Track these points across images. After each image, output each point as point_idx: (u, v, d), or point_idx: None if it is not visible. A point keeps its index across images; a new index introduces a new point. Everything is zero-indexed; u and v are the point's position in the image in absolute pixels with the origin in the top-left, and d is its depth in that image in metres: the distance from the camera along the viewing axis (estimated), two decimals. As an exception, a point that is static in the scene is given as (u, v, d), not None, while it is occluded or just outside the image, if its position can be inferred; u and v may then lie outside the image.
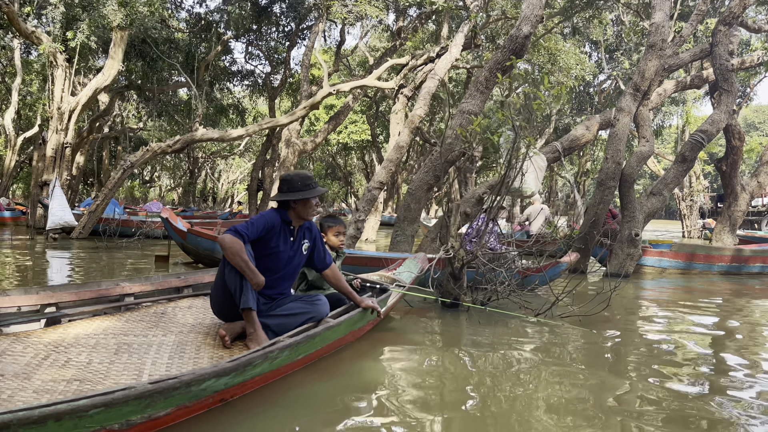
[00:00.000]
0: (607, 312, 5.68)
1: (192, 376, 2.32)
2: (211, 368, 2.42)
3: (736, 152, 11.60)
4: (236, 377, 2.58)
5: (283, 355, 2.89)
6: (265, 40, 28.46)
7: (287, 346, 2.90)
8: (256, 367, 2.71)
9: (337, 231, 4.23)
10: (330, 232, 4.21)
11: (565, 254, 7.49)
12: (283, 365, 2.96)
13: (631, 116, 8.88)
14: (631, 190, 8.79)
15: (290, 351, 2.96)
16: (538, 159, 9.97)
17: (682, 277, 9.32)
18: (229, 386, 2.57)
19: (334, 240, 4.22)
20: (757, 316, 6.04)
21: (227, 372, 2.50)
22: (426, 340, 4.31)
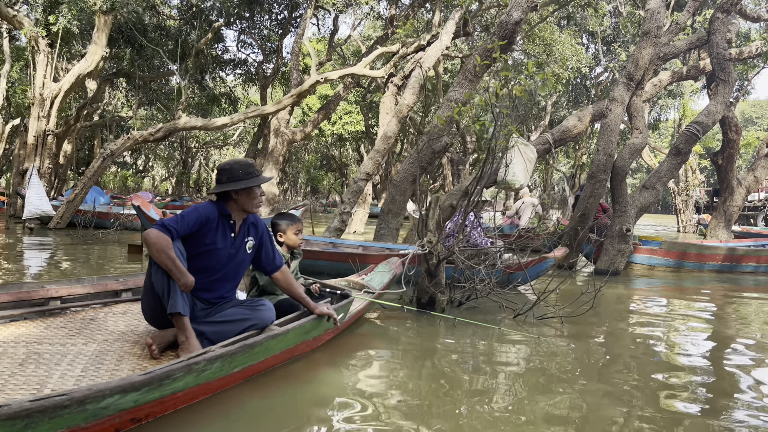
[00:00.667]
0: (593, 314, 5.35)
1: (87, 391, 1.97)
2: (114, 382, 2.08)
3: (733, 146, 11.26)
4: (150, 393, 2.24)
5: (212, 367, 2.55)
6: (257, 28, 27.98)
7: (218, 357, 2.56)
8: (177, 380, 2.37)
9: (297, 229, 3.87)
10: (289, 230, 3.85)
11: (552, 250, 7.16)
12: (214, 379, 2.62)
13: (624, 106, 8.53)
14: (623, 184, 8.45)
15: (223, 363, 2.61)
16: (527, 150, 9.63)
17: (672, 275, 9.00)
18: (141, 404, 2.22)
19: (294, 239, 3.85)
20: (752, 318, 5.72)
21: (136, 387, 2.16)
22: (395, 347, 3.97)
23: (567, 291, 6.83)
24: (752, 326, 5.26)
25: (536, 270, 6.80)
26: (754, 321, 5.54)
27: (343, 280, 4.93)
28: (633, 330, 4.89)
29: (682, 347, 4.34)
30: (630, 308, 6.05)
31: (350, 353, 3.69)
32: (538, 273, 6.85)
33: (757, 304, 6.67)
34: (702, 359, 4.02)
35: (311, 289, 3.92)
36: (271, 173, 19.14)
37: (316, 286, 3.94)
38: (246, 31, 27.42)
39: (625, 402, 2.99)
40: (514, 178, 9.52)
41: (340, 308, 3.64)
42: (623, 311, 5.83)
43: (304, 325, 3.24)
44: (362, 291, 4.65)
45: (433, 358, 3.73)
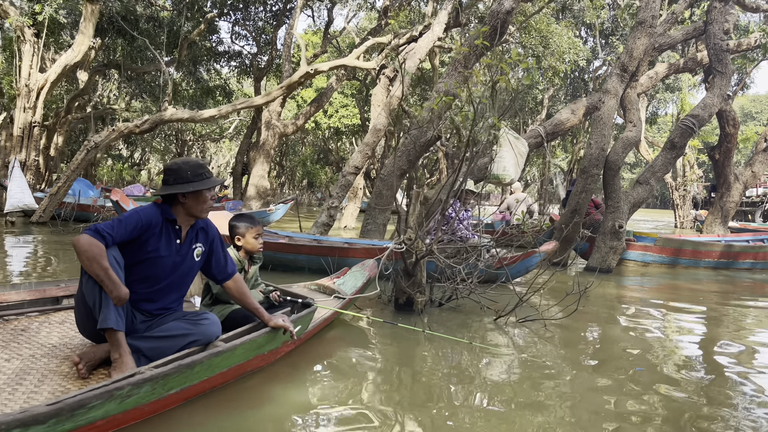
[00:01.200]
0: (579, 315, 5.09)
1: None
2: (11, 416, 1.80)
3: (730, 140, 10.98)
4: (59, 425, 1.96)
5: (140, 391, 2.27)
6: (252, 19, 27.61)
7: (146, 381, 2.28)
8: (95, 409, 2.09)
9: (257, 233, 3.58)
10: (249, 234, 3.55)
11: (541, 245, 6.89)
12: (145, 403, 2.34)
13: (617, 99, 8.25)
14: (616, 179, 8.18)
15: (153, 386, 2.33)
16: (518, 144, 9.36)
17: (667, 272, 8.75)
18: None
19: (253, 243, 3.55)
20: (748, 319, 5.46)
21: (40, 419, 1.88)
22: (365, 355, 3.71)
23: (558, 289, 6.58)
24: (747, 328, 5.01)
25: (524, 266, 6.54)
26: (749, 322, 5.28)
27: (314, 283, 4.66)
28: (622, 334, 4.63)
29: (674, 355, 4.07)
30: (619, 309, 5.79)
31: (313, 364, 3.43)
32: (527, 268, 6.60)
33: (753, 303, 6.41)
34: (695, 368, 3.76)
35: (271, 297, 3.63)
36: (262, 167, 18.85)
37: (276, 293, 3.66)
38: (240, 22, 27.07)
39: (611, 416, 2.73)
40: (504, 172, 9.25)
41: (300, 319, 3.36)
42: (612, 312, 5.57)
43: (256, 339, 2.96)
44: (332, 296, 4.38)
45: (408, 367, 3.47)
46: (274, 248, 6.77)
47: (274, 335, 3.13)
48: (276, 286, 3.84)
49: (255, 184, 18.27)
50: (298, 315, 3.37)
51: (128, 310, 2.74)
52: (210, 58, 27.73)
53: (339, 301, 4.24)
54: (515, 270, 6.41)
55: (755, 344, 4.41)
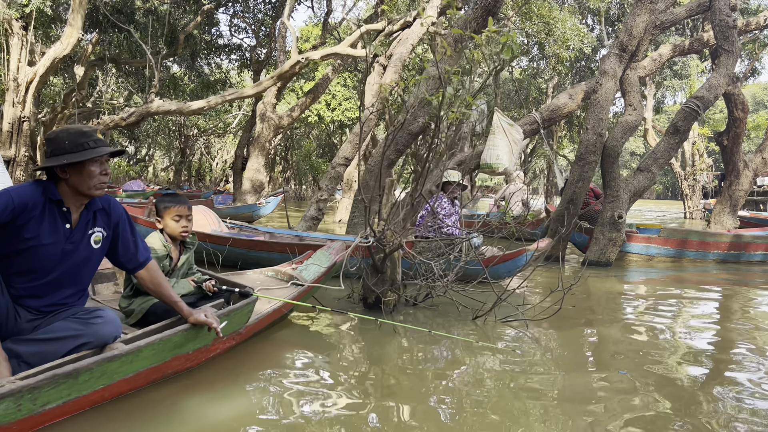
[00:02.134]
0: (570, 314, 4.61)
1: None
2: None
3: (739, 125, 10.40)
4: None
5: None
6: (252, 11, 27.21)
7: (7, 395, 1.85)
8: None
9: (177, 214, 3.11)
10: (167, 215, 3.10)
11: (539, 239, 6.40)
12: (8, 423, 1.91)
13: (616, 80, 7.72)
14: (615, 166, 7.66)
15: (18, 401, 1.90)
16: (513, 131, 8.86)
17: (672, 266, 8.22)
18: None
19: (173, 226, 3.11)
20: (759, 318, 4.95)
21: None
22: (322, 359, 3.25)
23: (553, 285, 6.09)
24: (760, 328, 4.50)
25: (515, 264, 6.01)
26: (762, 322, 4.77)
27: (271, 269, 4.21)
28: (612, 333, 4.14)
29: (668, 359, 3.58)
30: (614, 306, 5.29)
31: (255, 368, 2.98)
32: (518, 267, 6.07)
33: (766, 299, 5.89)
34: (688, 376, 3.27)
35: (204, 287, 3.15)
36: (257, 160, 18.43)
37: (210, 282, 3.18)
38: (239, 14, 26.65)
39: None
40: (497, 161, 8.77)
41: (234, 313, 2.92)
42: (606, 309, 5.07)
43: (170, 338, 2.53)
44: (289, 284, 3.93)
45: (375, 370, 3.01)
46: (242, 245, 6.32)
47: (197, 332, 2.69)
48: (213, 274, 3.38)
49: (250, 178, 17.87)
50: (230, 308, 2.93)
51: (9, 307, 2.31)
52: (210, 51, 27.36)
53: (294, 290, 3.78)
54: (505, 269, 5.92)
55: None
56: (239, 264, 6.22)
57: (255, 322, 3.23)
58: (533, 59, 27.93)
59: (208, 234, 6.41)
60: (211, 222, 7.50)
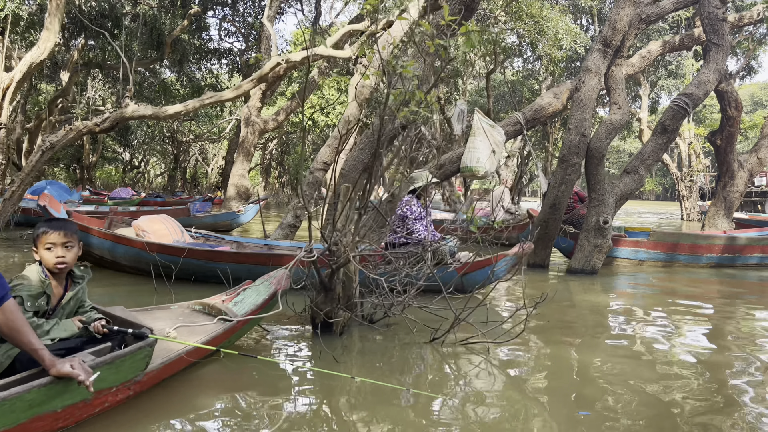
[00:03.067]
0: (543, 329, 4.18)
1: None
2: None
3: (733, 123, 9.98)
4: None
5: None
6: (241, 15, 26.90)
7: None
8: None
9: (50, 242, 2.56)
10: (40, 243, 2.56)
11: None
12: None
13: (599, 77, 7.30)
14: (600, 168, 7.23)
15: None
16: (494, 132, 8.43)
17: (662, 271, 7.79)
18: None
19: (46, 257, 2.55)
20: (755, 330, 4.51)
21: None
22: (252, 404, 2.82)
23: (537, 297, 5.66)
24: (756, 341, 4.07)
25: (485, 274, 5.57)
26: (758, 334, 4.34)
27: (198, 302, 3.75)
28: (585, 358, 3.71)
29: (646, 394, 3.15)
30: (594, 322, 4.85)
31: (156, 419, 2.54)
32: (490, 277, 5.62)
33: (763, 308, 5.46)
34: (669, 421, 2.84)
35: (91, 328, 2.68)
36: (242, 165, 18.02)
37: (99, 323, 2.69)
38: (228, 18, 26.33)
39: None
40: (477, 164, 8.35)
41: (120, 359, 2.47)
42: (583, 327, 4.64)
43: (22, 395, 2.08)
44: (215, 320, 3.48)
45: (296, 417, 2.57)
46: (199, 256, 5.89)
47: (66, 386, 2.24)
48: (108, 312, 2.91)
49: (235, 184, 17.46)
50: (114, 354, 2.47)
51: None
52: (201, 56, 27.02)
53: (218, 328, 3.34)
54: (481, 276, 5.49)
55: None
56: (192, 278, 5.79)
57: (160, 367, 2.77)
58: (527, 61, 27.56)
59: (161, 245, 5.98)
60: (173, 232, 7.07)
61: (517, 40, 23.38)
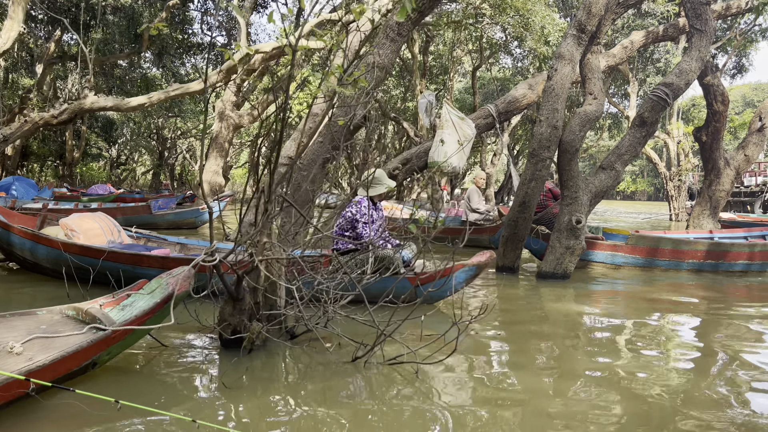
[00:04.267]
0: (493, 344, 3.61)
1: None
2: None
3: (719, 118, 9.45)
4: None
5: None
6: (224, 9, 26.30)
7: None
8: None
9: None
10: None
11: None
12: None
13: (573, 65, 6.73)
14: (573, 163, 6.67)
15: None
16: (464, 126, 7.88)
17: (641, 276, 7.24)
18: None
19: None
20: (742, 347, 3.95)
21: None
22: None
23: (507, 304, 5.09)
24: (741, 362, 3.51)
25: (447, 285, 4.95)
26: (745, 351, 3.78)
27: (72, 307, 3.16)
28: (537, 384, 3.14)
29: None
30: (556, 336, 4.29)
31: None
32: (450, 288, 5.00)
33: (749, 320, 4.91)
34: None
35: None
36: (216, 161, 17.39)
37: None
38: (210, 12, 25.69)
39: None
40: (445, 159, 7.79)
41: None
42: (543, 341, 4.07)
43: None
44: (86, 329, 2.89)
45: None
46: (122, 260, 5.28)
47: None
48: None
49: (208, 181, 16.82)
50: None
51: None
52: (183, 50, 26.35)
53: (85, 338, 2.74)
54: (432, 292, 4.91)
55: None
56: (111, 283, 5.17)
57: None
58: (516, 58, 26.97)
59: (79, 245, 5.37)
60: (107, 231, 6.44)
61: (503, 35, 22.83)
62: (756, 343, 4.09)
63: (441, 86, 30.43)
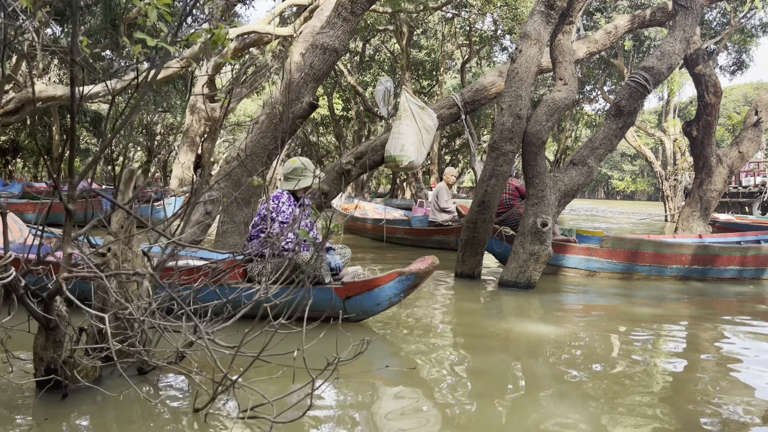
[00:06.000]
0: (434, 383, 2.81)
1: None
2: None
3: (711, 111, 8.63)
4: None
5: None
6: (205, 0, 25.54)
7: None
8: None
9: None
10: None
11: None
12: None
13: (541, 46, 5.92)
14: (539, 158, 5.86)
15: None
16: (424, 116, 7.08)
17: (618, 285, 6.43)
18: None
19: None
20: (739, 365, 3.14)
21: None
22: None
23: (459, 314, 4.27)
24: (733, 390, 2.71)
25: (373, 299, 4.14)
26: (735, 378, 2.98)
27: None
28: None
29: None
30: (523, 363, 3.48)
31: None
32: (380, 302, 4.18)
33: (744, 338, 4.10)
34: None
35: None
36: (186, 156, 16.61)
37: None
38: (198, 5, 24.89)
39: None
40: (401, 152, 7.00)
41: None
42: (504, 372, 3.26)
43: None
44: None
45: None
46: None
47: None
48: None
49: (178, 176, 16.06)
50: None
51: None
52: (168, 43, 25.61)
53: None
54: (361, 304, 4.12)
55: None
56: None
57: None
58: (510, 53, 26.20)
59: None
60: (16, 231, 5.67)
61: (493, 28, 22.02)
62: (750, 386, 3.29)
63: (434, 82, 29.63)
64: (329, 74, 7.04)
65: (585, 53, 8.30)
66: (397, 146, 6.96)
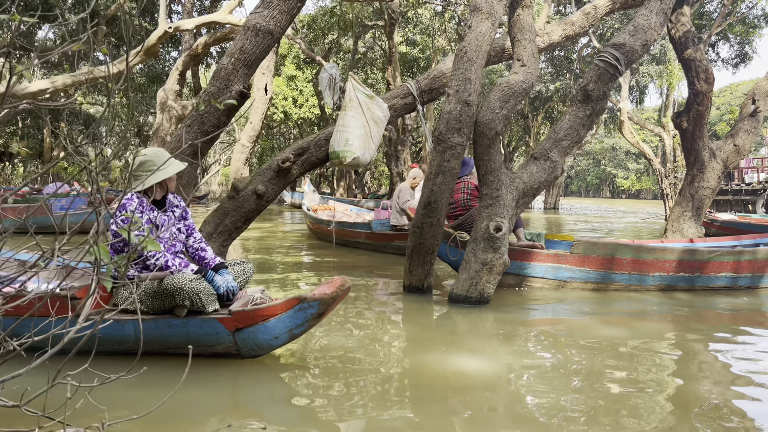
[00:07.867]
0: None
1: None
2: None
3: (702, 100, 7.77)
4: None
5: None
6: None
7: None
8: None
9: None
10: None
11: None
12: None
13: (493, 21, 5.08)
14: (492, 151, 5.02)
15: None
16: (373, 106, 6.26)
17: (590, 299, 5.59)
18: None
19: None
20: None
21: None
22: None
23: (398, 338, 3.46)
24: None
25: (270, 332, 3.30)
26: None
27: None
28: None
29: None
30: (440, 412, 2.65)
31: None
32: (290, 331, 3.33)
33: (737, 363, 3.26)
34: None
35: None
36: (157, 157, 15.81)
37: None
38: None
39: None
40: (346, 147, 6.18)
41: None
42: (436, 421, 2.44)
43: None
44: None
45: None
46: None
47: None
48: None
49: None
50: None
51: None
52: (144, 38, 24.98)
53: None
54: (255, 338, 3.31)
55: None
56: None
57: None
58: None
59: None
60: None
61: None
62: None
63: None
64: (263, 59, 6.23)
65: (560, 36, 7.45)
66: (341, 141, 6.15)
